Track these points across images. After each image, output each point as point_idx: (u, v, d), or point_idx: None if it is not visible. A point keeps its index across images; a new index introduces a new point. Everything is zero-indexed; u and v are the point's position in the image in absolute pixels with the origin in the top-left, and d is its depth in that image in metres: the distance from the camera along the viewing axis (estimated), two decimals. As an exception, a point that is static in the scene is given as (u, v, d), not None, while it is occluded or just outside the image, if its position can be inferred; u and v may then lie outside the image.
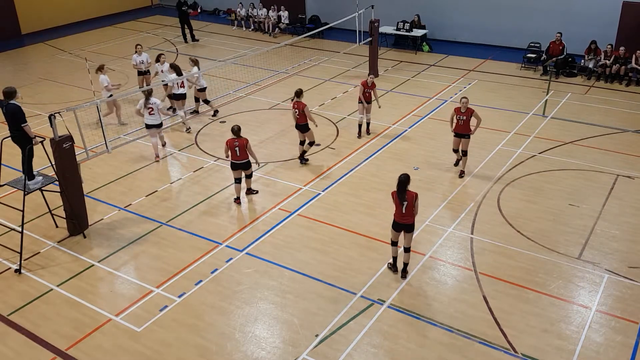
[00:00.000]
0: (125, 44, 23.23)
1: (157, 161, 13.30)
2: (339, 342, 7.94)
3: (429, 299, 8.74)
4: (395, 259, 9.24)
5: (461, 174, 12.17)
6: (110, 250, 10.08)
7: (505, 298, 8.70)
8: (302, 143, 12.84)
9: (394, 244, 9.12)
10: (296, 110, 12.33)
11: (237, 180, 11.32)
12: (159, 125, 13.27)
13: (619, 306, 8.51)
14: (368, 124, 14.28)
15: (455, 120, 11.99)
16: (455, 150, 12.36)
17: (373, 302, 8.66)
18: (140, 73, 16.42)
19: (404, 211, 8.73)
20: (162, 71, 15.32)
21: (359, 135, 14.21)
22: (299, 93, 12.40)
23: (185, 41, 23.60)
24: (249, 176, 11.50)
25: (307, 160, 12.97)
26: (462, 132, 11.94)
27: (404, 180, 8.72)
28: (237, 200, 11.40)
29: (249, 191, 11.68)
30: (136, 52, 16.28)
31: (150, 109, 12.97)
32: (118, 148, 13.01)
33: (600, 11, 19.06)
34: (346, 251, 9.88)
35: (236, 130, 11.04)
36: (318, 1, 24.79)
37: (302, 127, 12.53)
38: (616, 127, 14.43)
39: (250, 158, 11.23)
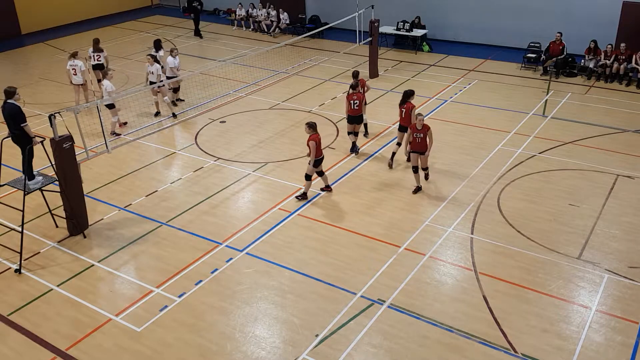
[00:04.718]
0: (125, 44, 23.24)
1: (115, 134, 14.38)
2: (339, 342, 7.94)
3: (429, 299, 8.74)
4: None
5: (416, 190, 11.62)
6: (110, 250, 10.08)
7: (505, 298, 8.70)
8: (355, 134, 13.17)
9: (355, 133, 13.05)
10: (356, 100, 12.63)
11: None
12: (110, 106, 14.17)
13: (619, 306, 8.51)
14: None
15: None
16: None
17: (373, 302, 8.66)
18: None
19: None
20: (151, 72, 15.18)
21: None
22: (354, 86, 12.91)
23: (200, 37, 24.05)
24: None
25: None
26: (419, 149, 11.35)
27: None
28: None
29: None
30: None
31: (74, 70, 15.22)
32: (118, 148, 13.01)
33: (600, 11, 19.06)
34: (346, 251, 9.89)
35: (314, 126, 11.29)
36: (318, 1, 24.79)
37: (358, 118, 12.88)
38: (616, 127, 14.43)
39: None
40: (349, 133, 13.16)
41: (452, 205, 11.17)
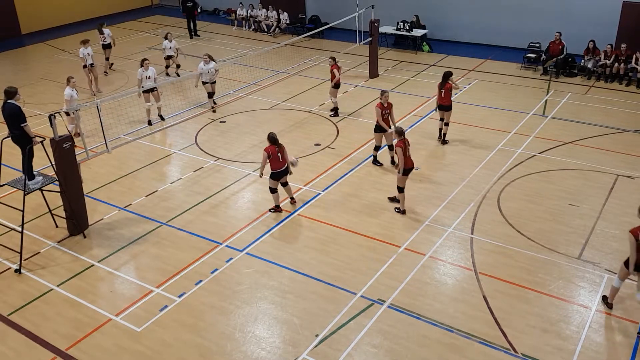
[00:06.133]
0: (125, 44, 23.21)
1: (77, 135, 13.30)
2: (339, 342, 7.94)
3: (429, 299, 8.74)
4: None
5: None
6: (110, 250, 10.08)
7: (505, 298, 8.71)
8: (376, 148, 12.74)
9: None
10: (387, 111, 12.25)
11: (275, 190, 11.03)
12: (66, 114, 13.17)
13: (619, 306, 8.51)
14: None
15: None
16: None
17: (373, 302, 8.66)
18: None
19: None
20: (148, 77, 14.99)
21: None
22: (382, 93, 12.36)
23: (190, 37, 23.99)
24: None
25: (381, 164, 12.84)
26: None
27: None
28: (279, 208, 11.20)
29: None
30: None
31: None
32: (118, 148, 13.01)
33: (600, 11, 19.06)
34: (346, 251, 9.88)
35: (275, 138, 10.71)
36: (318, 1, 24.80)
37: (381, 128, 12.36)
38: (616, 127, 14.44)
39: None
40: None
41: (452, 205, 11.17)
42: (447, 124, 13.62)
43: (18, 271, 9.57)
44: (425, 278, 9.21)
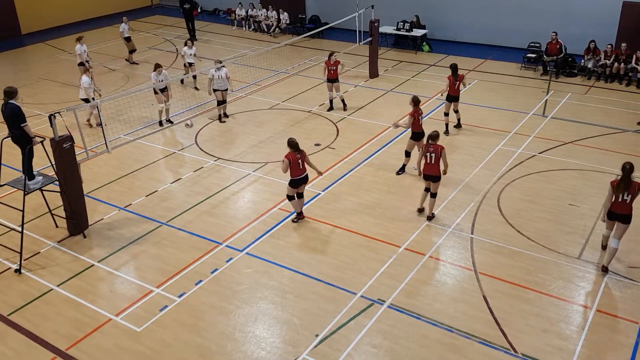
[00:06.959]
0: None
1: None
2: (339, 342, 7.94)
3: (429, 299, 8.74)
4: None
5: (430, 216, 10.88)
6: (110, 250, 10.08)
7: (505, 298, 8.70)
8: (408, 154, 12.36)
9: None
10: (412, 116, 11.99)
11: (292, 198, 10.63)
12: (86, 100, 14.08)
13: (619, 306, 8.51)
14: None
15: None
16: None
17: (373, 302, 8.66)
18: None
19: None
20: (161, 80, 14.73)
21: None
22: (417, 102, 12.13)
23: (191, 37, 23.77)
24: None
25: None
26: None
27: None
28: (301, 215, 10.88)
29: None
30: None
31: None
32: (118, 148, 13.01)
33: (600, 11, 19.07)
34: (346, 251, 9.88)
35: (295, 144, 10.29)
36: (318, 1, 24.80)
37: (419, 134, 12.12)
38: (616, 127, 14.44)
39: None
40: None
41: (452, 205, 11.17)
42: (456, 111, 14.26)
43: (18, 271, 9.57)
44: (425, 278, 9.21)
